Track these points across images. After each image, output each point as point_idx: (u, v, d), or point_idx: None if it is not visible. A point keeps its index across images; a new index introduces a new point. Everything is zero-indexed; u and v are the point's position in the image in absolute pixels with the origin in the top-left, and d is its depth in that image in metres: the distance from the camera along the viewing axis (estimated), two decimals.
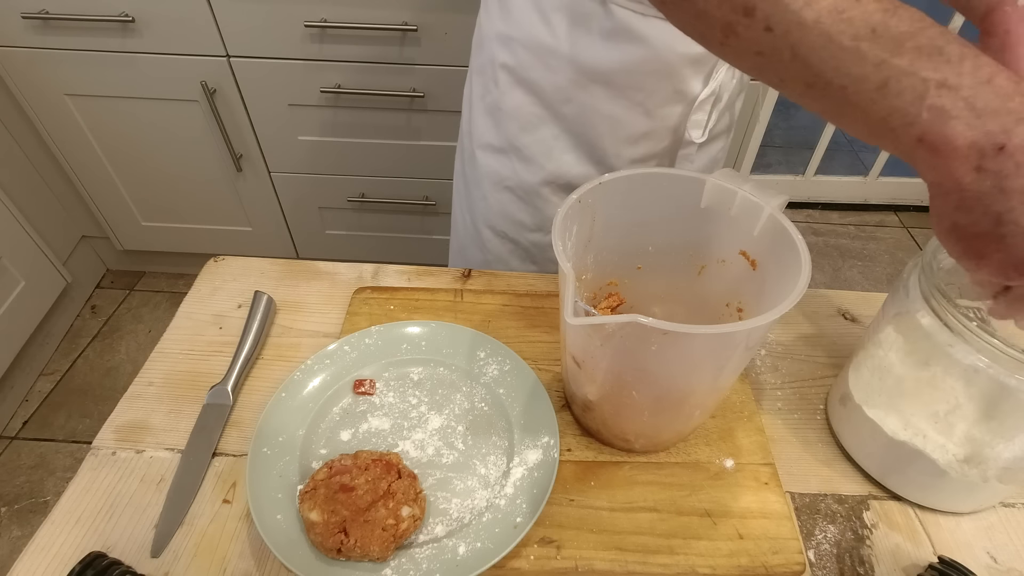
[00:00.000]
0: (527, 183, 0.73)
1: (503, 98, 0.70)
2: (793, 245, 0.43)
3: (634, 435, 0.51)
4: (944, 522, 0.50)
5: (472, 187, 0.79)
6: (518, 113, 0.70)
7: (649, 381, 0.45)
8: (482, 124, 0.74)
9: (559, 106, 0.68)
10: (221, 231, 1.68)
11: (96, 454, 0.51)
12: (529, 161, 0.72)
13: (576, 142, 0.70)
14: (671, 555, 0.46)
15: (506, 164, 0.73)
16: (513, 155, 0.72)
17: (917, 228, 2.15)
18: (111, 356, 1.65)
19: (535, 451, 0.50)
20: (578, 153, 0.71)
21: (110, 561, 0.42)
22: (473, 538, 0.45)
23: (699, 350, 0.41)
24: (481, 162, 0.75)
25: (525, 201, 0.75)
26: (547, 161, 0.72)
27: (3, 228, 1.41)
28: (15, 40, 1.28)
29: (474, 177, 0.78)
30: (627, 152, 0.69)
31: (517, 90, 0.69)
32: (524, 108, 0.69)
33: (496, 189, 0.75)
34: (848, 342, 0.63)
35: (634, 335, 0.38)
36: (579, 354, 0.46)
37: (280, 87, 1.35)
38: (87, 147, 1.47)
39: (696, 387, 0.47)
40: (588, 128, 0.68)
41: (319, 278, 0.67)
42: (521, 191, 0.74)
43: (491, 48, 0.69)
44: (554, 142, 0.70)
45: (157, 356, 0.59)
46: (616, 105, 0.66)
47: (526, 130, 0.70)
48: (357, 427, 0.52)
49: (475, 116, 0.75)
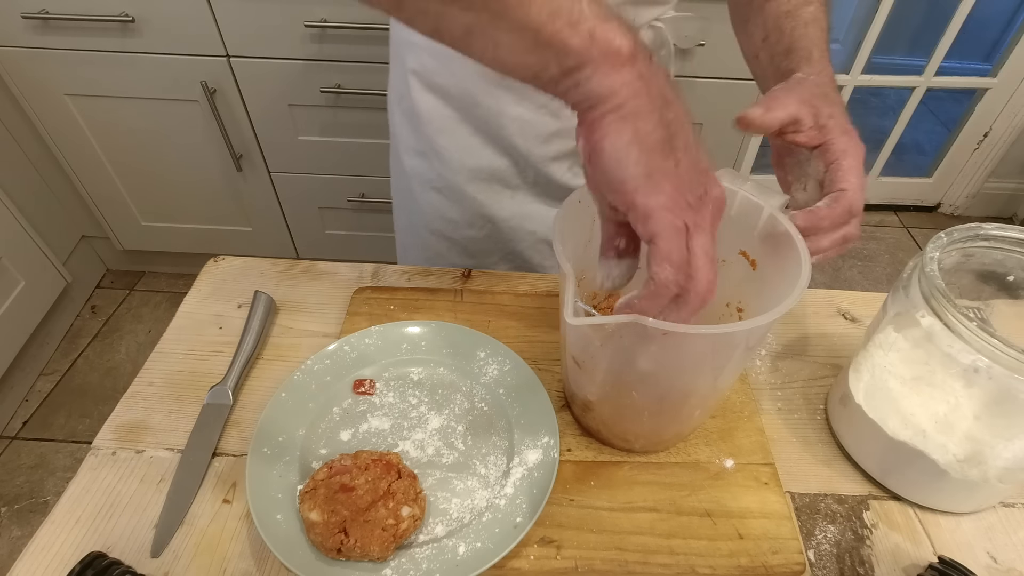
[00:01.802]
0: (452, 183, 0.74)
1: (416, 103, 0.70)
2: (793, 245, 0.43)
3: (634, 435, 0.51)
4: (944, 522, 0.50)
5: (404, 190, 0.80)
6: (431, 116, 0.70)
7: (650, 381, 0.45)
8: (402, 128, 0.75)
9: (469, 109, 0.68)
10: (221, 231, 1.68)
11: (96, 454, 0.51)
12: (449, 162, 0.72)
13: (491, 139, 0.70)
14: (671, 555, 0.46)
15: (429, 166, 0.74)
16: (434, 157, 0.73)
17: (917, 228, 2.15)
18: (111, 356, 1.65)
19: (535, 451, 0.50)
20: (495, 148, 0.71)
21: (110, 561, 0.42)
22: (473, 538, 0.45)
23: (700, 350, 0.41)
24: (407, 165, 0.76)
25: (453, 200, 0.75)
26: (467, 159, 0.72)
27: (3, 228, 1.41)
28: (15, 40, 1.28)
29: (404, 180, 0.78)
30: (540, 151, 0.70)
31: (428, 94, 0.69)
32: (437, 111, 0.70)
33: (424, 190, 0.76)
34: (848, 342, 0.63)
35: (635, 335, 0.38)
36: (579, 354, 0.46)
37: (280, 87, 1.35)
38: (87, 147, 1.47)
39: (697, 387, 0.47)
40: (499, 129, 0.69)
41: (319, 278, 0.67)
42: (448, 191, 0.75)
43: (400, 53, 0.70)
44: (471, 140, 0.71)
45: (157, 356, 0.59)
46: (521, 107, 0.66)
47: (442, 132, 0.71)
48: (357, 427, 0.52)
49: (395, 120, 0.76)
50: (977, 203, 2.17)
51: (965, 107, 2.03)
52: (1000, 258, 0.48)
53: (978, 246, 0.48)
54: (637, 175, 0.31)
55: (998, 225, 0.47)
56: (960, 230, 0.47)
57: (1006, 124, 1.96)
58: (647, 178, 0.31)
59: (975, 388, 0.44)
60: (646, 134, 0.31)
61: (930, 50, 1.85)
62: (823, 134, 0.45)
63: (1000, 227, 0.47)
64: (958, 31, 1.78)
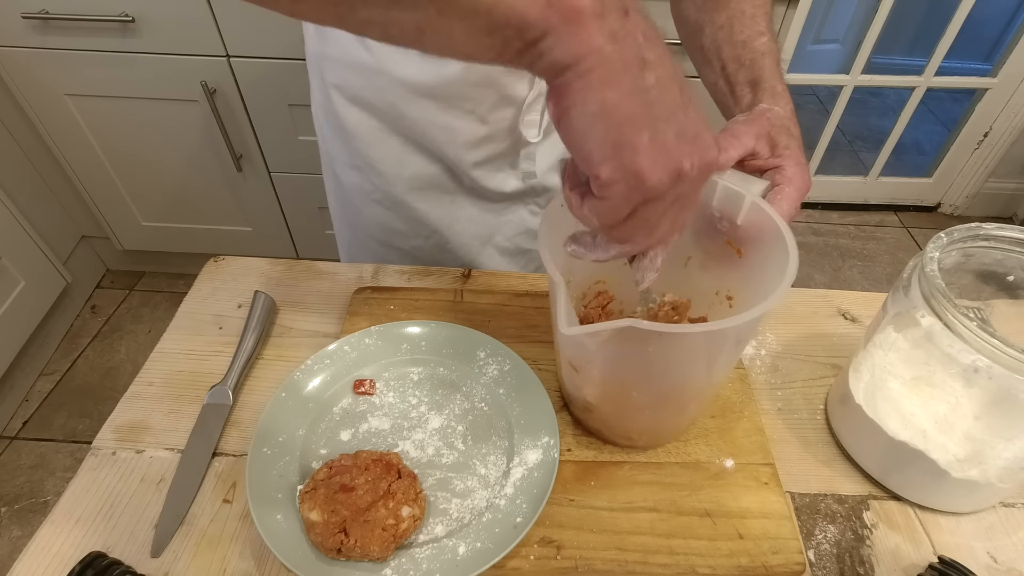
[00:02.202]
0: (390, 194, 0.73)
1: (343, 118, 0.69)
2: (777, 231, 0.43)
3: (637, 432, 0.51)
4: (944, 522, 0.50)
5: (343, 205, 0.79)
6: (359, 131, 0.69)
7: (647, 381, 0.45)
8: (333, 144, 0.74)
9: (396, 120, 0.67)
10: (221, 231, 1.68)
11: (96, 454, 0.51)
12: (385, 174, 0.71)
13: (422, 148, 0.70)
14: (671, 555, 0.46)
15: (366, 179, 0.73)
16: (369, 170, 0.72)
17: (917, 228, 2.15)
18: (111, 356, 1.65)
19: (535, 451, 0.50)
20: (427, 156, 0.70)
21: (110, 561, 0.42)
22: (473, 538, 0.45)
23: (694, 347, 0.41)
24: (344, 180, 0.75)
25: (395, 211, 0.74)
26: (402, 169, 0.71)
27: (3, 228, 1.41)
28: (15, 40, 1.28)
29: (343, 195, 0.77)
30: (470, 156, 0.69)
31: (353, 108, 0.68)
32: (364, 124, 0.69)
33: (366, 203, 0.75)
34: (848, 342, 0.63)
35: (629, 338, 0.38)
36: (575, 360, 0.46)
37: (280, 87, 1.35)
38: (87, 147, 1.47)
39: (694, 382, 0.47)
40: (428, 138, 0.68)
41: (319, 278, 0.67)
42: (388, 202, 0.74)
43: (319, 68, 0.69)
44: (402, 150, 0.70)
45: (157, 356, 0.59)
46: (448, 116, 0.65)
47: (372, 146, 0.70)
48: (357, 427, 0.52)
49: (325, 135, 0.74)
50: (977, 203, 2.17)
51: (965, 107, 2.03)
52: (1000, 258, 0.48)
53: (978, 246, 0.48)
54: (604, 148, 0.29)
55: (998, 225, 0.47)
56: (960, 230, 0.47)
57: (1006, 124, 1.96)
58: (614, 150, 0.29)
59: (975, 388, 0.44)
60: (614, 105, 0.28)
61: (930, 50, 1.85)
62: (777, 161, 0.47)
63: (1000, 227, 0.47)
64: (958, 31, 1.78)
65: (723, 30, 0.55)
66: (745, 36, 0.54)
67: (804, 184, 0.47)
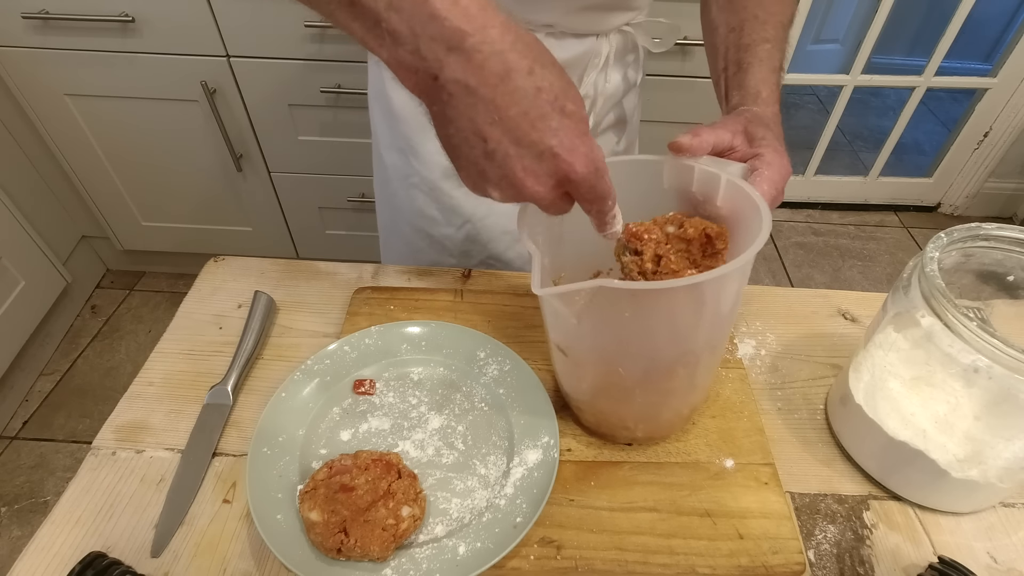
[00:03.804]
0: (428, 179, 0.74)
1: (392, 100, 0.71)
2: (753, 203, 0.43)
3: (633, 421, 0.51)
4: (944, 522, 0.50)
5: (384, 185, 0.81)
6: (407, 114, 0.71)
7: (631, 352, 0.45)
8: (381, 125, 0.76)
9: None
10: (221, 231, 1.68)
11: (96, 454, 0.51)
12: (426, 158, 0.73)
13: None
14: (671, 555, 0.46)
15: (407, 163, 0.75)
16: (411, 154, 0.74)
17: (917, 228, 2.15)
18: (111, 356, 1.65)
19: (535, 451, 0.50)
20: None
21: (110, 561, 0.42)
22: (473, 538, 0.45)
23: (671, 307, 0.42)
24: (387, 162, 0.77)
25: (431, 197, 0.76)
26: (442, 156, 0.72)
27: (3, 228, 1.41)
28: (15, 40, 1.28)
29: (385, 176, 0.79)
30: None
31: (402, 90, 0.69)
32: (411, 108, 0.71)
33: (404, 187, 0.77)
34: (848, 342, 0.63)
35: (606, 304, 0.39)
36: (561, 340, 0.47)
37: (280, 87, 1.35)
38: (87, 147, 1.47)
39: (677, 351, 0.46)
40: None
41: (319, 278, 0.67)
42: (425, 187, 0.75)
43: None
44: None
45: (157, 356, 0.59)
46: None
47: (417, 130, 0.72)
48: (357, 427, 0.52)
49: (375, 117, 0.77)
50: (977, 203, 2.17)
51: (965, 107, 2.03)
52: (1000, 258, 0.48)
53: (978, 246, 0.48)
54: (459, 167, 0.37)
55: (998, 225, 0.47)
56: (960, 230, 0.47)
57: (1006, 124, 1.96)
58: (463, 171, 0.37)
59: (975, 388, 0.44)
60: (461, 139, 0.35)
61: (930, 50, 1.85)
62: (755, 150, 0.48)
63: (1000, 227, 0.47)
64: (958, 31, 1.78)
65: (733, 32, 0.57)
66: (750, 40, 0.55)
67: (783, 167, 0.47)
